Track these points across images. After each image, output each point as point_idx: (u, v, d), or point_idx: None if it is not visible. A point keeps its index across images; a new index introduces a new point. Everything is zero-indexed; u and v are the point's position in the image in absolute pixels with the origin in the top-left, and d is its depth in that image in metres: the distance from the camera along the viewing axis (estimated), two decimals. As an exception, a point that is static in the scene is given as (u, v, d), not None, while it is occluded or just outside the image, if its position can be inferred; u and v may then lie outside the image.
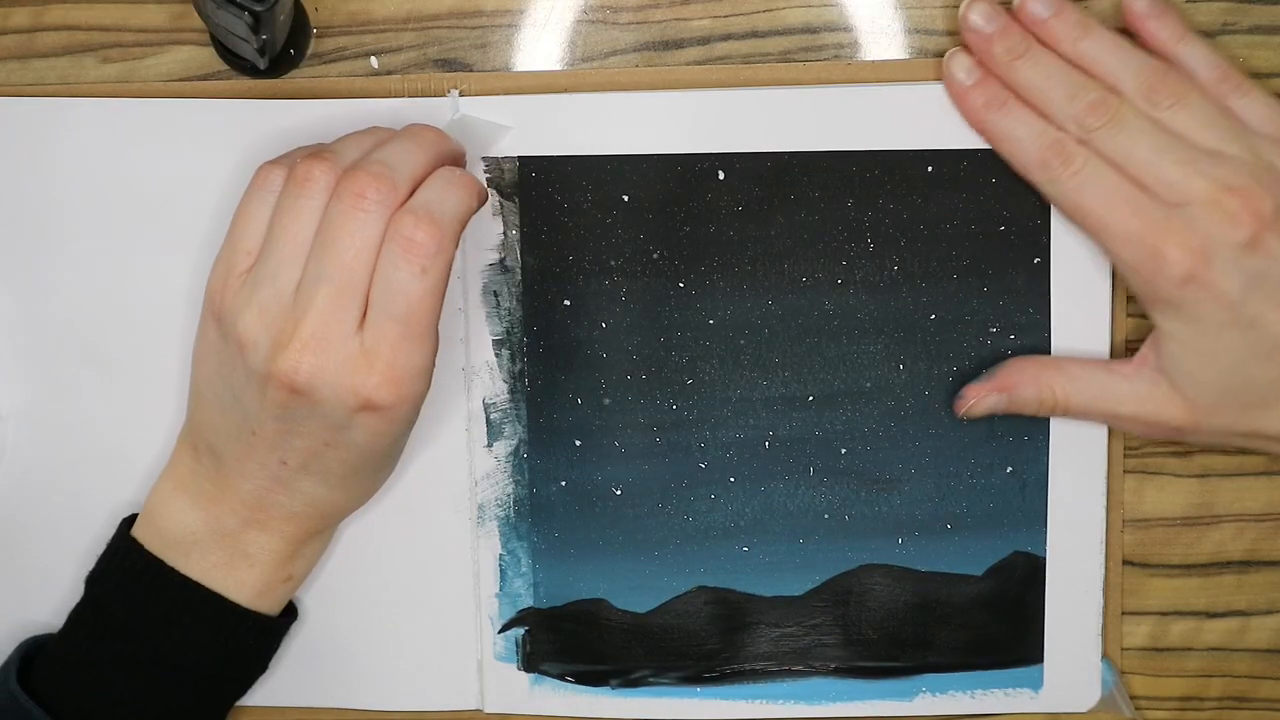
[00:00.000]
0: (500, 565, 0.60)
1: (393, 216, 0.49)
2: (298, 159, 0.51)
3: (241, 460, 0.53)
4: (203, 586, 0.54)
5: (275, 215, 0.51)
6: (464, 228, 0.51)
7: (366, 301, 0.50)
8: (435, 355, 0.51)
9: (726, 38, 0.57)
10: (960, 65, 0.55)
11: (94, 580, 0.55)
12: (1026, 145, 0.54)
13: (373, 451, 0.53)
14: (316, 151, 0.51)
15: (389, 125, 0.55)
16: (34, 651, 0.56)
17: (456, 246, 0.50)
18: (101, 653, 0.54)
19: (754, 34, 0.57)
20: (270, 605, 0.55)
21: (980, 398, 0.57)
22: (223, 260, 0.52)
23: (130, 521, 0.56)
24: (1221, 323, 0.52)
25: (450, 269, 0.50)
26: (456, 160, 0.53)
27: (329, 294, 0.49)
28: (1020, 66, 0.54)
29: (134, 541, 0.55)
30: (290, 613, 0.57)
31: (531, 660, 0.60)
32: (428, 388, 0.51)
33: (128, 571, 0.54)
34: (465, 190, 0.51)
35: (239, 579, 0.54)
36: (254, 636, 0.55)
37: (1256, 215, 0.51)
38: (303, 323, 0.49)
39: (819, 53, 0.57)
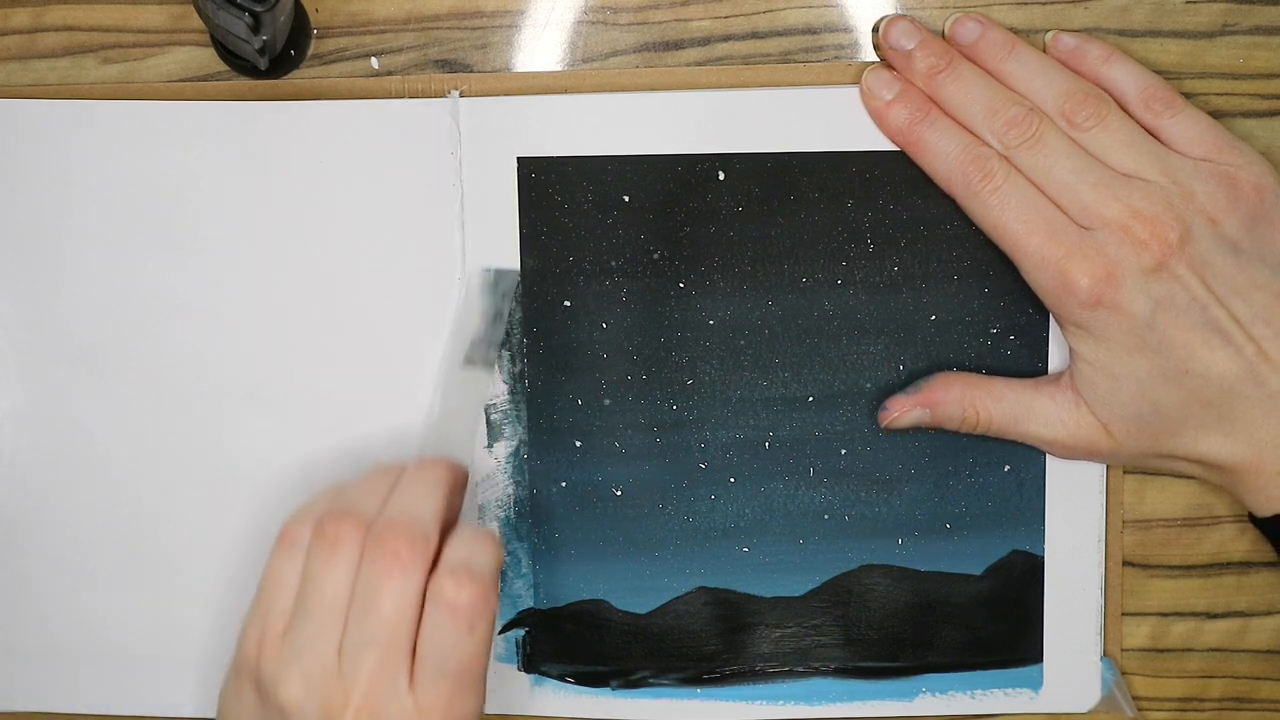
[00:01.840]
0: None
1: (432, 579, 0.49)
2: (321, 517, 0.50)
3: None
4: None
5: (306, 577, 0.50)
6: (498, 579, 0.50)
7: (412, 653, 0.49)
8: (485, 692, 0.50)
9: (726, 38, 0.57)
10: (880, 81, 0.55)
11: None
12: (949, 158, 0.54)
13: None
14: (339, 511, 0.50)
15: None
16: None
17: (499, 597, 0.50)
18: None
19: (754, 34, 0.57)
20: None
21: (904, 411, 0.57)
22: (255, 622, 0.50)
23: None
24: (1129, 346, 0.52)
25: (496, 619, 0.49)
26: (462, 482, 0.53)
27: (377, 658, 0.48)
28: (942, 81, 0.54)
29: None
30: None
31: (532, 661, 0.60)
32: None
33: None
34: (493, 543, 0.50)
35: None
36: None
37: (1164, 242, 0.51)
38: (353, 691, 0.48)
39: (819, 53, 0.57)
